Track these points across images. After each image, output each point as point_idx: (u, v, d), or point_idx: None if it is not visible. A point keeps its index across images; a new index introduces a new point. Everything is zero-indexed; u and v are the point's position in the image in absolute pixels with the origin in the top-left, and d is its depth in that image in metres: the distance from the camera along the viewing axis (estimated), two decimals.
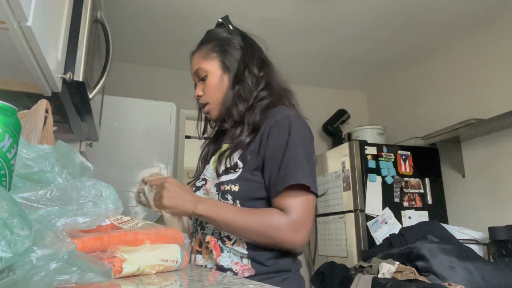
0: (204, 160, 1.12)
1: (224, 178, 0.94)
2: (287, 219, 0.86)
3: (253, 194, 0.92)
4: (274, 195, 0.89)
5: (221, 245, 0.92)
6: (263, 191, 0.93)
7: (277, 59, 1.12)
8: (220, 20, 1.10)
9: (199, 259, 0.96)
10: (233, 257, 0.90)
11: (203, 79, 1.05)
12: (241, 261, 0.89)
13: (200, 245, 0.97)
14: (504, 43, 2.41)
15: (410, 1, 2.30)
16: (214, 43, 1.06)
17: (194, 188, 1.04)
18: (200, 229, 0.99)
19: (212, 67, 1.04)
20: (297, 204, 0.87)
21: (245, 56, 1.04)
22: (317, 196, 0.92)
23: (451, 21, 2.50)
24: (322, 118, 3.34)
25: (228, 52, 1.04)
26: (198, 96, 1.07)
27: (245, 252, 0.90)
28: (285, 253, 0.91)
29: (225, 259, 0.90)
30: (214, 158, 1.04)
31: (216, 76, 1.03)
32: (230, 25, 1.09)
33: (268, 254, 0.90)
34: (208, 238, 0.94)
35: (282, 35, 2.68)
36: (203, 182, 1.01)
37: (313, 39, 2.75)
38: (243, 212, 0.88)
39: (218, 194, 0.94)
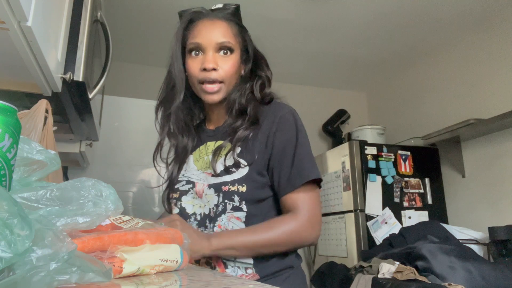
0: (181, 159, 1.02)
1: (227, 178, 0.89)
2: (302, 218, 0.86)
3: (259, 195, 0.89)
4: (289, 191, 0.88)
5: (224, 260, 0.88)
6: (268, 191, 0.91)
7: (277, 59, 1.12)
8: (238, 5, 1.02)
9: None
10: (238, 270, 0.87)
11: (225, 52, 0.93)
12: (246, 272, 0.87)
13: (197, 261, 0.91)
14: (504, 43, 2.41)
15: (409, 1, 2.30)
16: (242, 28, 1.00)
17: (178, 193, 0.97)
18: None
19: (238, 49, 0.96)
20: (309, 199, 0.88)
21: (257, 54, 1.02)
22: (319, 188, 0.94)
23: (451, 21, 2.50)
24: (322, 118, 3.33)
25: (249, 45, 1.01)
26: (214, 69, 0.90)
27: (251, 261, 0.88)
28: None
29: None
30: (194, 157, 0.99)
31: (239, 59, 0.96)
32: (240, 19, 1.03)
33: (273, 257, 0.89)
34: None
35: (282, 35, 2.67)
36: (190, 185, 0.95)
37: (313, 39, 2.75)
38: (259, 230, 0.85)
39: (218, 195, 0.89)
